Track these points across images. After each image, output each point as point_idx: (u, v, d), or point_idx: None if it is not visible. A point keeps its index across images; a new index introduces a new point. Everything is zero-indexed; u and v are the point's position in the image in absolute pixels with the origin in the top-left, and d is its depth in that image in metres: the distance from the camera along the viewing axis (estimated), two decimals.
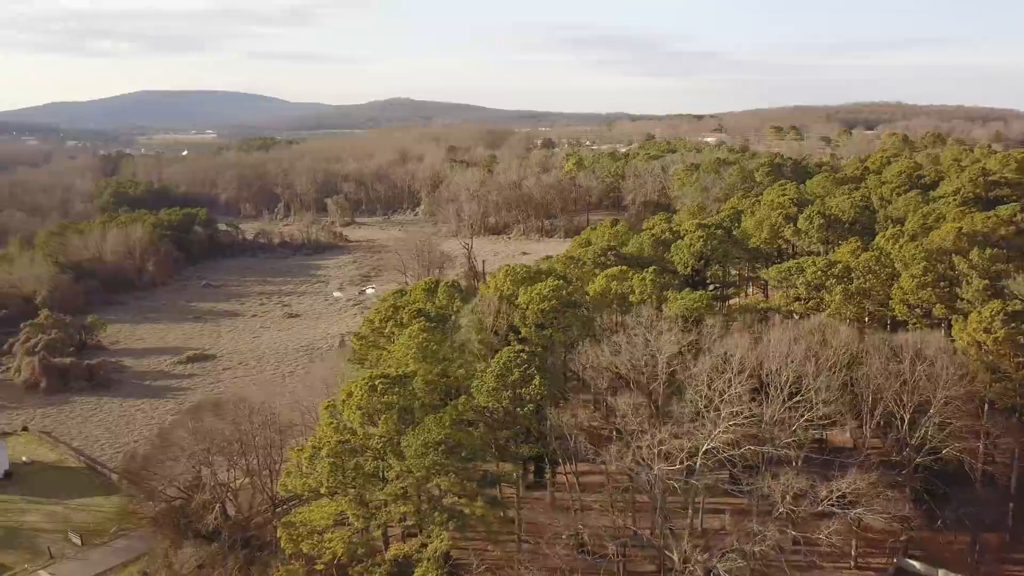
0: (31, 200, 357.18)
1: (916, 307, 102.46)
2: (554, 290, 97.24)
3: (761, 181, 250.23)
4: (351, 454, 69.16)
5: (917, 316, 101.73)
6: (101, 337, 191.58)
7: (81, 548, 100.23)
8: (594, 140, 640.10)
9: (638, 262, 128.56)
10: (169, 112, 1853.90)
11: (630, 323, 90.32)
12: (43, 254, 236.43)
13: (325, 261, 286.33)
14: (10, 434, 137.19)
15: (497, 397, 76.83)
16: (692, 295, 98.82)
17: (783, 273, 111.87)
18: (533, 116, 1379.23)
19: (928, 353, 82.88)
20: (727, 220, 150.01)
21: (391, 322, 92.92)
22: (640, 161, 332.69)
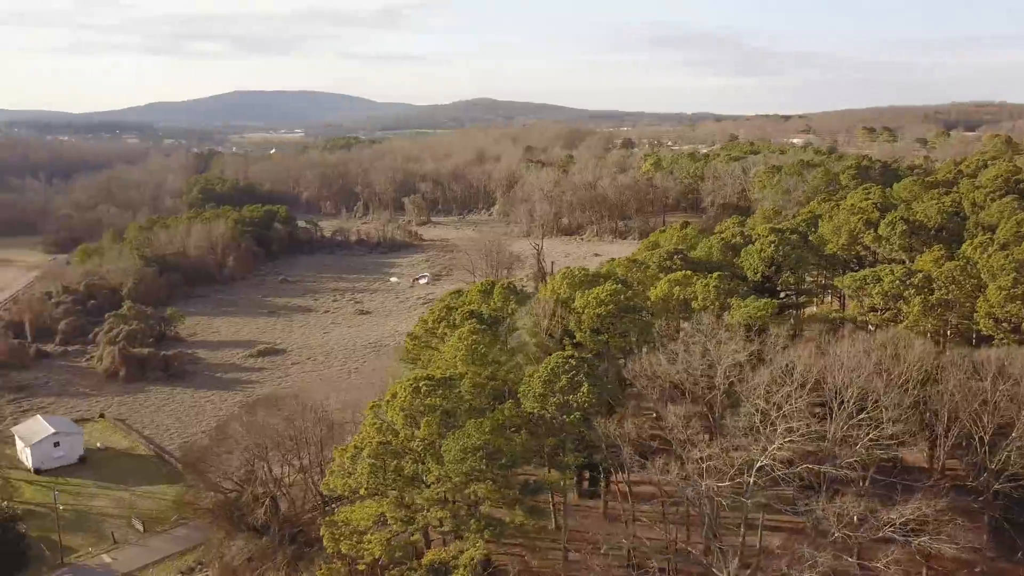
0: (125, 196, 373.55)
1: (1003, 321, 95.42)
2: (612, 294, 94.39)
3: (847, 184, 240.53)
4: (392, 456, 68.33)
5: (1004, 331, 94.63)
6: (179, 329, 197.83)
7: (143, 535, 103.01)
8: (676, 140, 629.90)
9: (706, 267, 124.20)
10: (261, 111, 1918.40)
11: (689, 330, 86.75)
12: (131, 248, 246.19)
13: (399, 259, 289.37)
14: (88, 420, 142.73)
15: (544, 403, 74.74)
16: (757, 303, 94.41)
17: (858, 282, 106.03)
18: (615, 116, 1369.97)
19: (1014, 371, 76.84)
20: (803, 225, 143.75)
21: (444, 323, 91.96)
22: (720, 162, 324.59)
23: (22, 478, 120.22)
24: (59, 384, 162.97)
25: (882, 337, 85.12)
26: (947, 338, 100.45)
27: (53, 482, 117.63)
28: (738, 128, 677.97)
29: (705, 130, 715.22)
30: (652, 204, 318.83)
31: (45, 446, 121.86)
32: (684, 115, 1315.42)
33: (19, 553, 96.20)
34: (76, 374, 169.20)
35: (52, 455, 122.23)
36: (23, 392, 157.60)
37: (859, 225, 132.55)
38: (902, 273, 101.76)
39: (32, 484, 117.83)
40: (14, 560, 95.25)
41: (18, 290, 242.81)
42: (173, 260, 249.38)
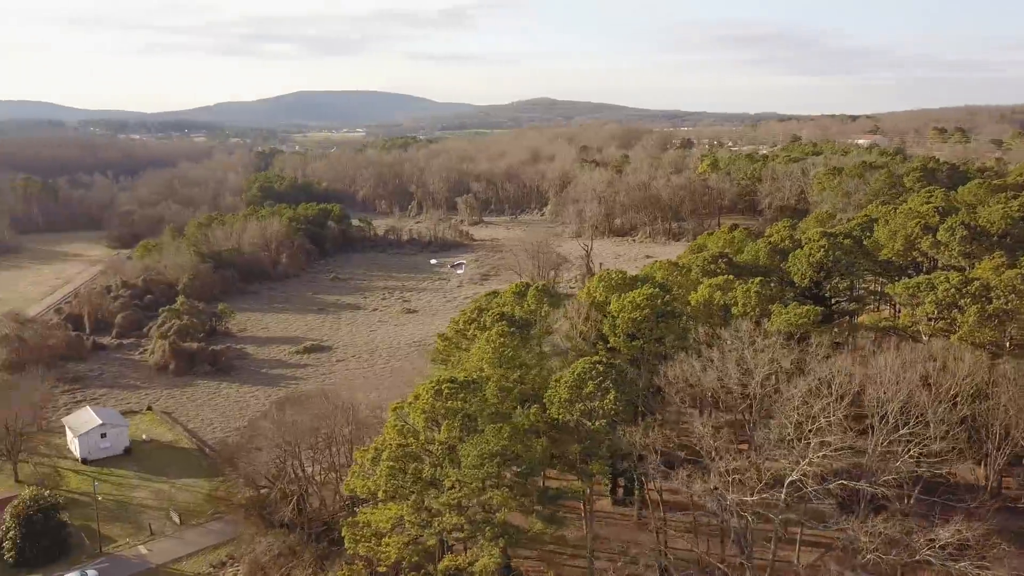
0: (187, 193, 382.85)
1: None
2: (648, 299, 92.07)
3: (911, 187, 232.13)
4: (411, 459, 67.35)
5: None
6: (230, 324, 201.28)
7: (179, 527, 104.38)
8: (736, 140, 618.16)
9: (752, 271, 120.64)
10: (324, 111, 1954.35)
11: (726, 337, 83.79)
12: (188, 244, 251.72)
13: (449, 258, 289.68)
14: (136, 413, 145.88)
15: (569, 410, 72.87)
16: (798, 310, 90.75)
17: (911, 289, 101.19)
18: (677, 116, 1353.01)
19: None
20: (857, 229, 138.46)
21: (474, 325, 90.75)
22: (779, 163, 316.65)
23: (70, 467, 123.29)
24: (112, 376, 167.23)
25: (928, 348, 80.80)
26: (1006, 351, 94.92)
27: (98, 472, 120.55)
28: (801, 128, 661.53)
29: (767, 130, 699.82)
30: (707, 206, 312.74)
31: (92, 437, 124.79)
32: (747, 115, 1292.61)
33: (60, 541, 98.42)
34: (129, 366, 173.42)
35: (99, 446, 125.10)
36: (78, 383, 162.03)
37: (916, 230, 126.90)
38: (958, 281, 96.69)
39: (79, 474, 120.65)
40: (55, 548, 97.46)
41: (80, 284, 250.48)
42: (228, 256, 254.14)
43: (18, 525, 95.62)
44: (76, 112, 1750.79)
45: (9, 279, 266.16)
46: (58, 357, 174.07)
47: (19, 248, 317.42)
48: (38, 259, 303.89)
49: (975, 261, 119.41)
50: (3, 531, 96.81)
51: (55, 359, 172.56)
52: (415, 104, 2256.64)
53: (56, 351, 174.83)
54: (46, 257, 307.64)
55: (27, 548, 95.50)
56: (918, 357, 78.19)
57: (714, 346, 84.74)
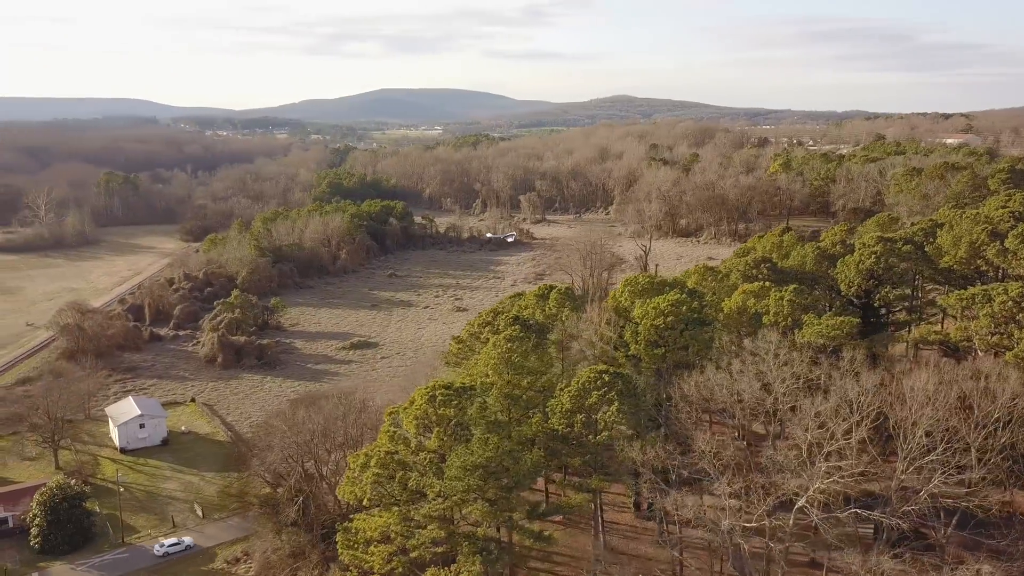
0: (258, 188, 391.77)
1: None
2: (673, 305, 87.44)
3: (996, 189, 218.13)
4: (399, 467, 65.04)
5: None
6: (282, 318, 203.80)
7: (201, 520, 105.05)
8: (818, 139, 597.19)
9: (797, 277, 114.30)
10: (404, 108, 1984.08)
11: (750, 348, 78.66)
12: (248, 238, 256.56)
13: (507, 257, 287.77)
14: (180, 404, 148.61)
15: (571, 420, 69.35)
16: (831, 321, 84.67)
17: (965, 301, 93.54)
18: (759, 114, 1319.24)
19: None
20: (920, 234, 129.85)
21: (488, 328, 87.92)
22: (854, 163, 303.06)
23: (109, 456, 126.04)
24: (163, 367, 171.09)
25: (975, 367, 73.87)
26: None
27: (133, 462, 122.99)
28: (889, 127, 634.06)
29: (852, 129, 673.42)
30: (777, 207, 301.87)
31: (131, 427, 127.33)
32: (834, 113, 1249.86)
33: (84, 530, 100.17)
34: (181, 358, 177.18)
35: (137, 436, 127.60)
36: (130, 373, 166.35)
37: (982, 236, 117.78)
38: (1017, 293, 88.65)
39: (115, 462, 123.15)
40: (79, 536, 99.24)
41: (149, 275, 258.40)
42: (289, 251, 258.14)
43: (44, 513, 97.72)
44: (171, 109, 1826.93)
45: (84, 270, 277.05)
46: (116, 347, 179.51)
47: (98, 240, 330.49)
48: (114, 251, 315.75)
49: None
50: (30, 518, 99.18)
51: (113, 349, 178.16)
52: (494, 102, 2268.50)
53: (114, 341, 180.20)
54: (122, 249, 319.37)
55: (52, 535, 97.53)
56: (959, 376, 71.49)
57: (738, 357, 79.79)
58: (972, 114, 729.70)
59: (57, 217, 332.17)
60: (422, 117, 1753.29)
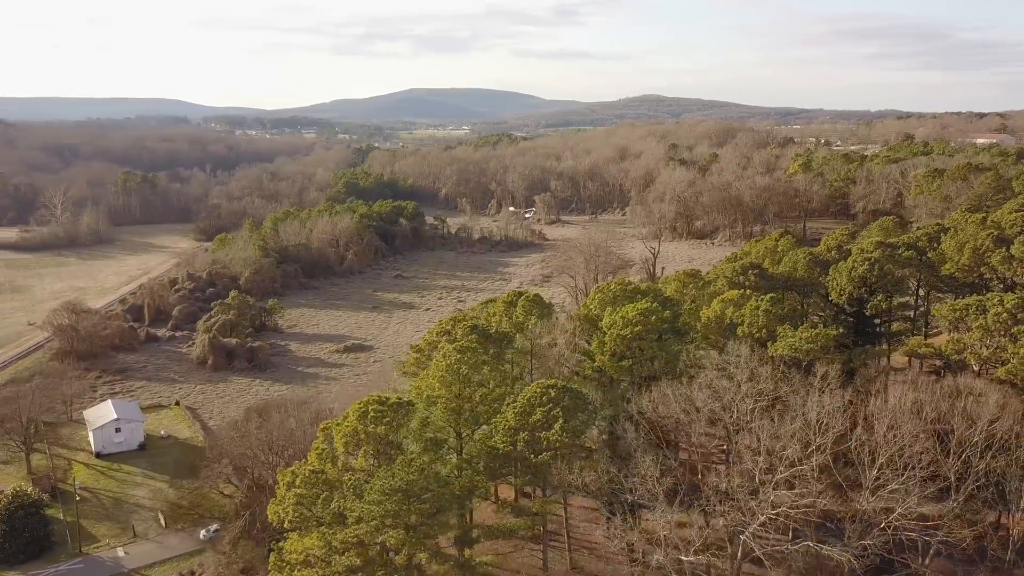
0: (273, 188, 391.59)
1: None
2: (641, 314, 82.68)
3: (1020, 191, 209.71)
4: (324, 487, 61.21)
5: None
6: (281, 320, 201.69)
7: (163, 530, 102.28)
8: (845, 139, 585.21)
9: (787, 284, 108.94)
10: (433, 108, 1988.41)
11: (716, 362, 73.74)
12: (254, 238, 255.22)
13: (517, 259, 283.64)
14: (164, 407, 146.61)
15: (514, 438, 65.06)
16: (806, 333, 79.22)
17: (959, 312, 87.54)
18: (790, 113, 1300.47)
19: None
20: (924, 239, 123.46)
21: (446, 336, 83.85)
22: (875, 164, 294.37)
23: (84, 461, 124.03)
24: (155, 368, 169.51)
25: (955, 385, 68.26)
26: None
27: (107, 467, 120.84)
28: (921, 126, 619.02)
29: (883, 128, 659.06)
30: (795, 208, 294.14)
31: (107, 431, 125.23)
32: (867, 112, 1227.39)
33: (41, 539, 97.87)
34: (174, 359, 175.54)
35: (113, 440, 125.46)
36: (120, 374, 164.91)
37: (987, 242, 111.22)
38: (1013, 304, 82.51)
39: (89, 467, 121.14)
40: (35, 546, 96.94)
41: (155, 276, 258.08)
42: (295, 251, 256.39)
43: (0, 522, 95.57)
44: (204, 109, 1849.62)
45: (94, 268, 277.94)
46: (110, 347, 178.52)
47: (113, 239, 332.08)
48: (127, 250, 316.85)
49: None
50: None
51: (107, 349, 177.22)
52: (523, 101, 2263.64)
53: (109, 342, 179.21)
54: (136, 248, 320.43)
55: (7, 544, 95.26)
56: (936, 395, 66.01)
57: (705, 370, 74.91)
58: (1008, 113, 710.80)
59: (73, 216, 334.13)
60: (451, 117, 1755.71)
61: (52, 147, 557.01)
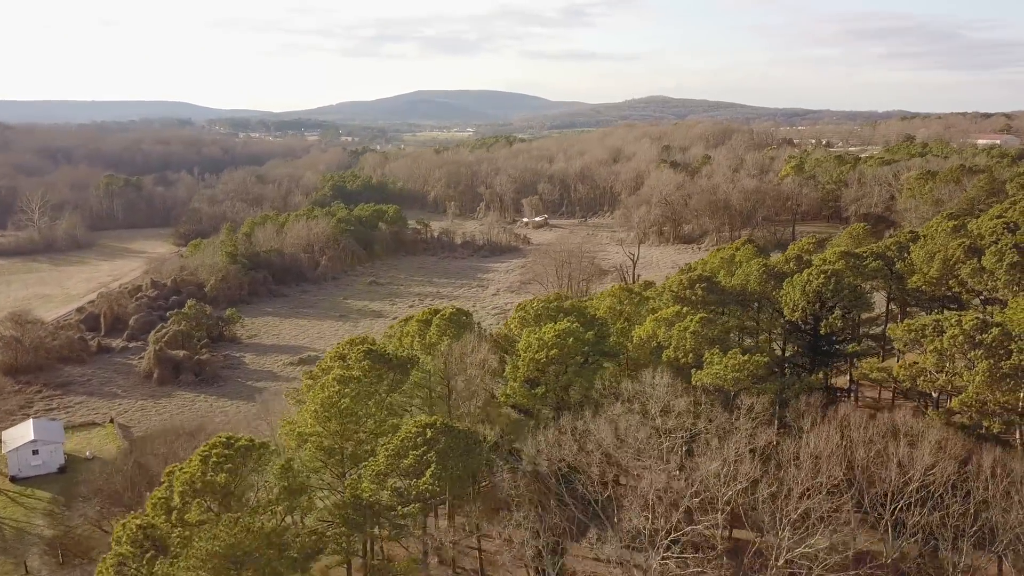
0: (258, 191, 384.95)
1: None
2: (559, 336, 74.67)
3: (1014, 194, 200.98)
4: (151, 545, 53.44)
5: None
6: (242, 329, 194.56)
7: (58, 567, 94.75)
8: (846, 140, 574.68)
9: (739, 299, 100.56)
10: (441, 110, 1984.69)
11: (629, 392, 65.66)
12: (224, 243, 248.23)
13: (498, 264, 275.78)
14: (97, 425, 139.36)
15: (381, 486, 57.16)
16: (734, 360, 70.85)
17: (914, 333, 78.97)
18: (796, 114, 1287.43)
19: None
20: (894, 248, 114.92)
21: (340, 361, 75.99)
22: (868, 166, 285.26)
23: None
24: (99, 382, 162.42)
25: (890, 422, 59.89)
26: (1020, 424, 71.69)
27: (20, 492, 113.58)
28: (924, 126, 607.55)
29: (886, 129, 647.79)
30: (787, 212, 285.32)
31: (23, 453, 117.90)
32: (875, 113, 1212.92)
33: None
34: (121, 373, 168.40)
35: (30, 463, 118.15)
36: (61, 389, 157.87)
37: (958, 252, 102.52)
38: (972, 325, 73.91)
39: (1, 493, 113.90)
40: None
41: (127, 281, 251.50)
42: (266, 257, 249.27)
43: None
44: (211, 111, 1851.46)
45: (66, 275, 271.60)
46: (58, 360, 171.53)
47: (91, 244, 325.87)
48: (104, 255, 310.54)
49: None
50: None
51: (54, 362, 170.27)
52: (529, 103, 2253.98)
53: (57, 354, 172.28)
54: (113, 254, 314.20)
55: None
56: (870, 434, 57.70)
57: (618, 401, 66.84)
58: (1014, 114, 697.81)
59: (51, 220, 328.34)
60: (456, 119, 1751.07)
61: (46, 150, 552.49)
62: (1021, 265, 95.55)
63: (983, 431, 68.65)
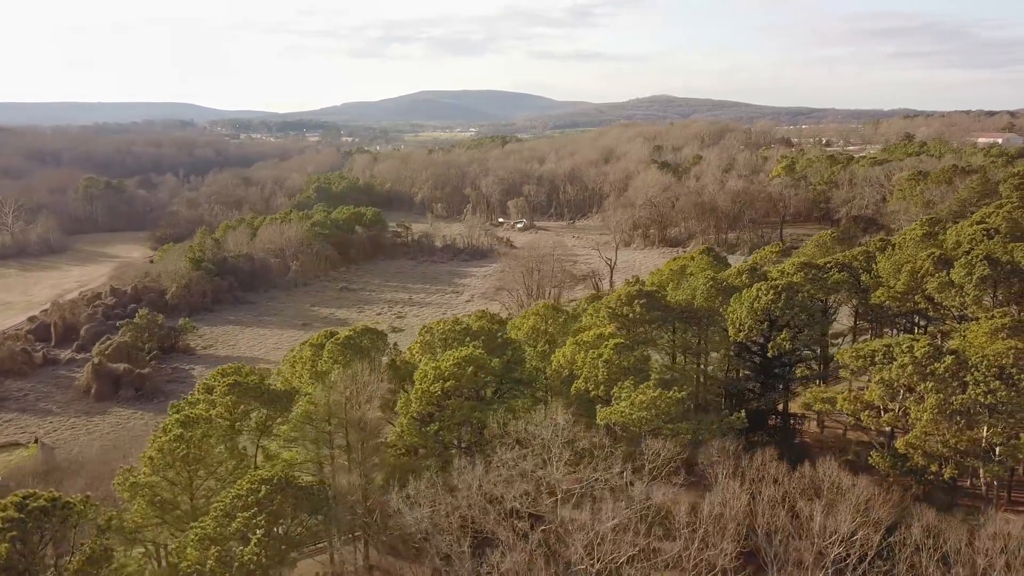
0: (239, 194, 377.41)
1: None
2: (457, 364, 66.07)
3: (1008, 196, 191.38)
4: None
5: None
6: (199, 339, 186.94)
7: None
8: (847, 139, 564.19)
9: (685, 316, 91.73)
10: (446, 111, 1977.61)
11: (516, 434, 57.03)
12: (193, 248, 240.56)
13: (476, 268, 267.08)
14: (20, 445, 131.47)
15: (204, 555, 48.66)
16: (643, 395, 61.96)
17: (863, 360, 69.99)
18: (801, 113, 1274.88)
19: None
20: (861, 257, 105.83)
21: (206, 396, 67.52)
22: (860, 166, 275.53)
23: None
24: (35, 397, 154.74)
25: (809, 476, 50.96)
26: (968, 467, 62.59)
27: None
28: (926, 125, 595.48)
29: (887, 128, 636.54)
30: (775, 214, 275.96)
31: None
32: (881, 112, 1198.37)
33: None
34: (61, 387, 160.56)
35: None
36: None
37: (927, 264, 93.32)
38: (924, 353, 64.83)
39: None
40: None
41: (88, 288, 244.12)
42: (234, 262, 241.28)
43: None
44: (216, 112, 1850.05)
45: (30, 282, 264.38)
46: None
47: (65, 248, 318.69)
48: (78, 260, 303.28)
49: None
50: None
51: None
52: (534, 103, 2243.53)
53: None
54: (87, 258, 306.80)
55: None
56: (783, 491, 48.86)
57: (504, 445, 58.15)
58: (1019, 112, 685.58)
59: (26, 224, 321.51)
60: (461, 119, 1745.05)
61: (34, 152, 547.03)
62: (993, 279, 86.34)
63: (932, 477, 59.88)
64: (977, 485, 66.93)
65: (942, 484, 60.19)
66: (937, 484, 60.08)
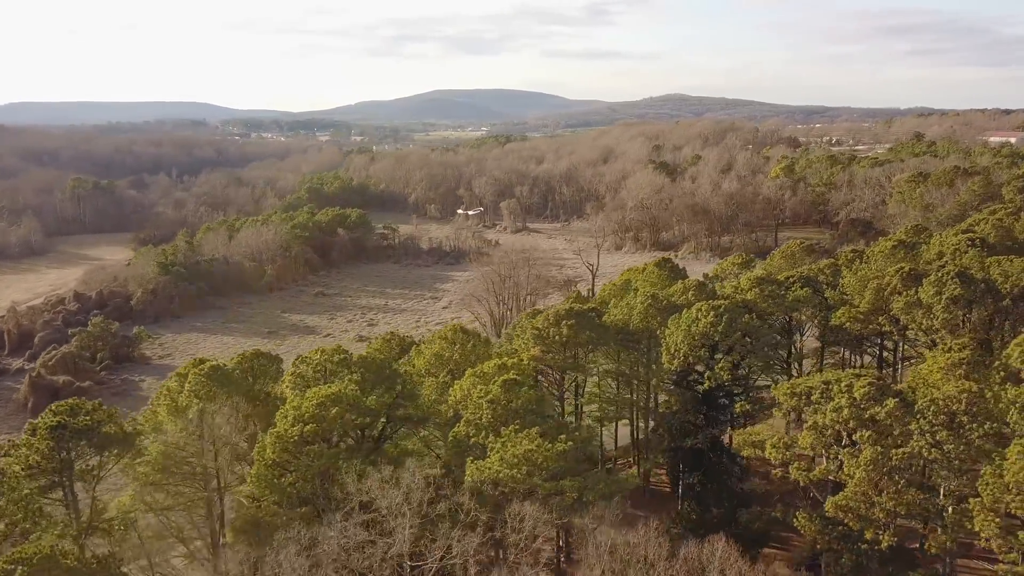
0: (227, 194, 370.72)
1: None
2: (319, 405, 57.16)
3: (1011, 199, 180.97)
4: None
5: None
6: (157, 348, 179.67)
7: None
8: (856, 139, 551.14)
9: (621, 339, 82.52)
10: (459, 110, 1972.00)
11: (365, 489, 47.96)
12: (166, 251, 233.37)
13: (459, 273, 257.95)
14: None
15: None
16: (523, 446, 52.64)
17: (799, 398, 60.38)
18: (815, 112, 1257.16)
19: None
20: (827, 271, 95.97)
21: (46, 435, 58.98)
22: (860, 167, 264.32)
23: None
24: None
25: (695, 556, 41.59)
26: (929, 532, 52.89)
27: None
28: (939, 124, 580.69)
29: (901, 126, 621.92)
30: (771, 217, 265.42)
31: None
32: (897, 110, 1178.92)
33: None
34: (2, 400, 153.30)
35: None
36: None
37: (894, 280, 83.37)
38: (864, 392, 55.16)
39: None
40: None
41: (52, 293, 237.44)
42: (207, 267, 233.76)
43: None
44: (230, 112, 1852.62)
45: (2, 285, 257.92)
46: None
47: (47, 250, 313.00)
48: (58, 262, 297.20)
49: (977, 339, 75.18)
50: None
51: None
52: (548, 102, 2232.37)
53: None
54: (66, 261, 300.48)
55: None
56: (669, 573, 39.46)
57: None
58: None
59: (8, 226, 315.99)
60: (474, 118, 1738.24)
61: (31, 152, 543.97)
62: (964, 300, 76.27)
63: (867, 546, 50.43)
64: (927, 554, 57.13)
65: (879, 553, 50.74)
66: (873, 554, 50.63)
